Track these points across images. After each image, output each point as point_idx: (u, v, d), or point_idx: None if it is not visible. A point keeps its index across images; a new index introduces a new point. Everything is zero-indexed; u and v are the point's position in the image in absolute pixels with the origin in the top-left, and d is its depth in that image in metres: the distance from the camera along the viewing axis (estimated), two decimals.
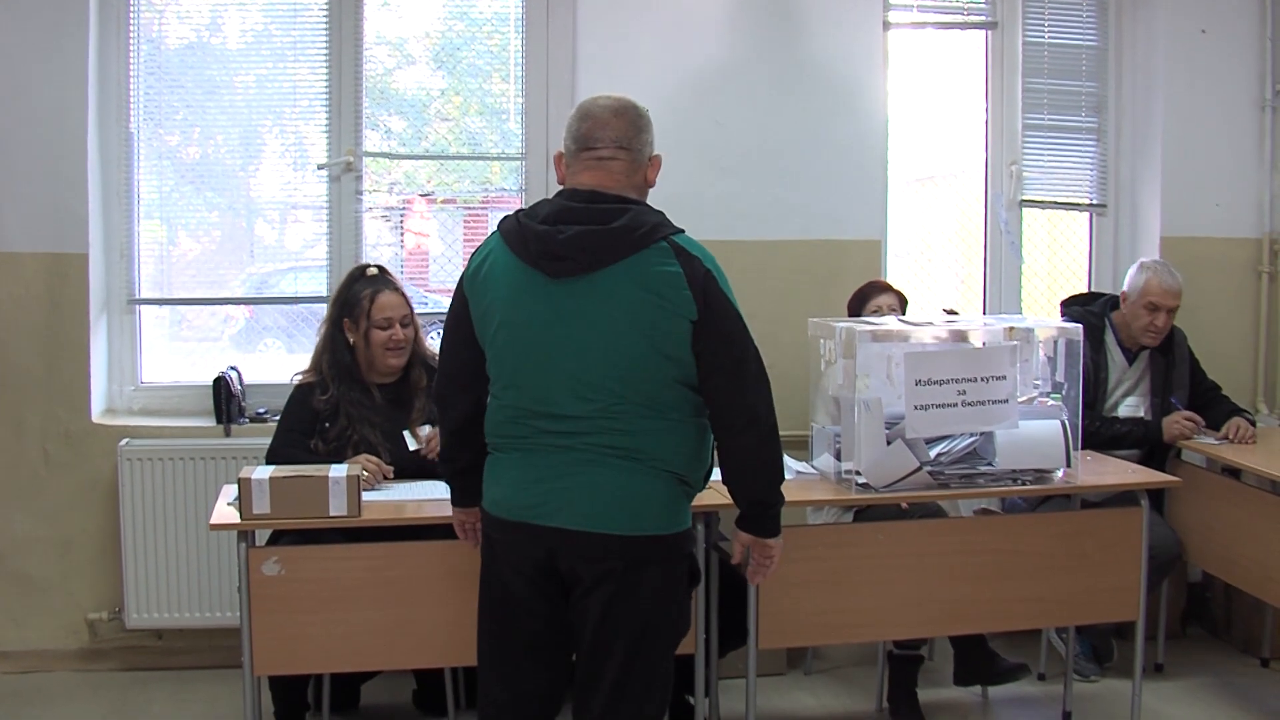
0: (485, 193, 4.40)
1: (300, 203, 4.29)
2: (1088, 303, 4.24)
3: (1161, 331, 4.08)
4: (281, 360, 4.24)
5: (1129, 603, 3.41)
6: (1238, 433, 3.96)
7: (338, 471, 2.95)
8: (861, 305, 3.98)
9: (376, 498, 3.13)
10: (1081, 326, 3.46)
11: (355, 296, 3.49)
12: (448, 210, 4.46)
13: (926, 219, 4.81)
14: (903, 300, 4.02)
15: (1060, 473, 3.36)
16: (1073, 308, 4.21)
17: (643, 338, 2.42)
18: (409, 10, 4.30)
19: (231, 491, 3.09)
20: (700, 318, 2.42)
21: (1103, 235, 4.71)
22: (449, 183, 4.39)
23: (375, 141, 4.29)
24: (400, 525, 3.06)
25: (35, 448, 3.98)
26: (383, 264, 3.68)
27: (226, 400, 4.03)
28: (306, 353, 3.65)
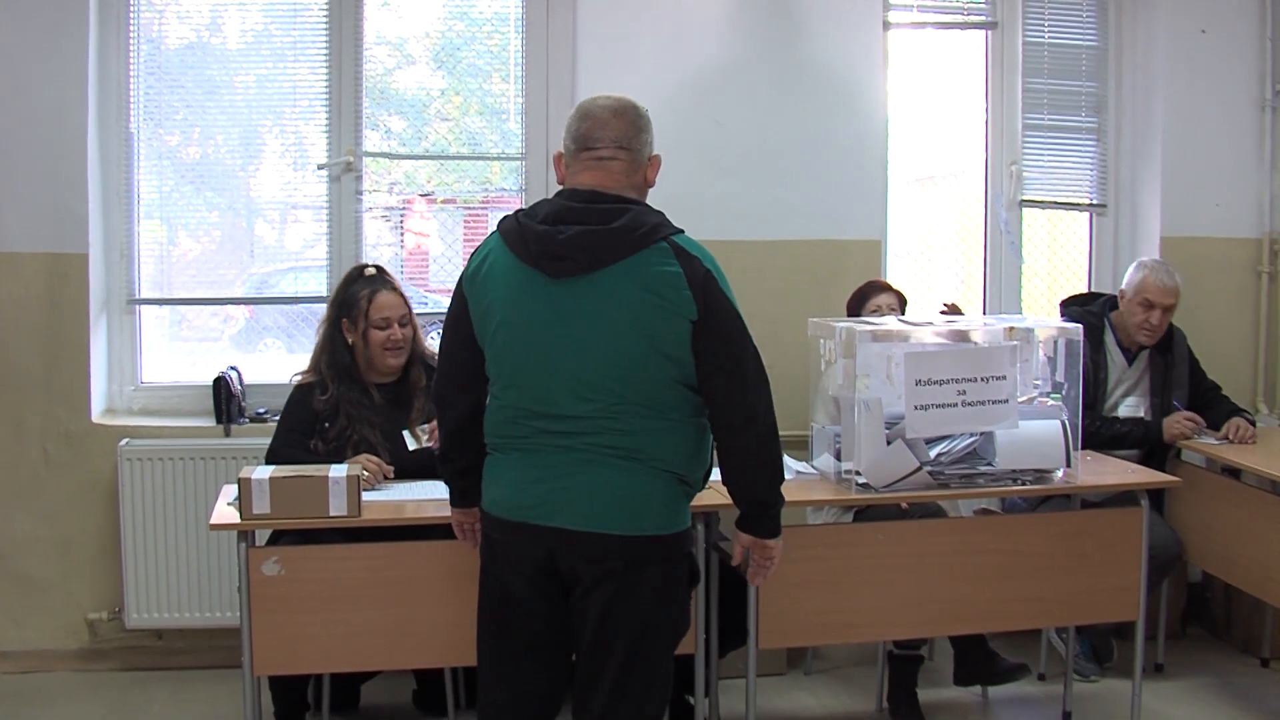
0: (485, 193, 4.39)
1: (300, 203, 4.29)
2: (1087, 303, 4.23)
3: (1157, 330, 4.07)
4: (281, 360, 4.24)
5: (1129, 603, 3.41)
6: (1237, 433, 3.96)
7: (338, 471, 2.95)
8: (861, 305, 3.98)
9: (376, 498, 3.13)
10: (1081, 326, 3.46)
11: (353, 297, 3.49)
12: (448, 210, 4.46)
13: (926, 219, 4.80)
14: (902, 300, 4.02)
15: (1060, 473, 3.36)
16: (1072, 308, 4.21)
17: (643, 338, 2.42)
18: (409, 10, 4.30)
19: (231, 491, 3.09)
20: (700, 318, 2.42)
21: (1103, 235, 4.71)
22: (449, 183, 4.39)
23: (375, 141, 4.29)
24: (400, 525, 3.06)
25: (35, 448, 3.98)
26: (382, 264, 3.68)
27: (226, 400, 4.03)
28: (306, 353, 3.64)
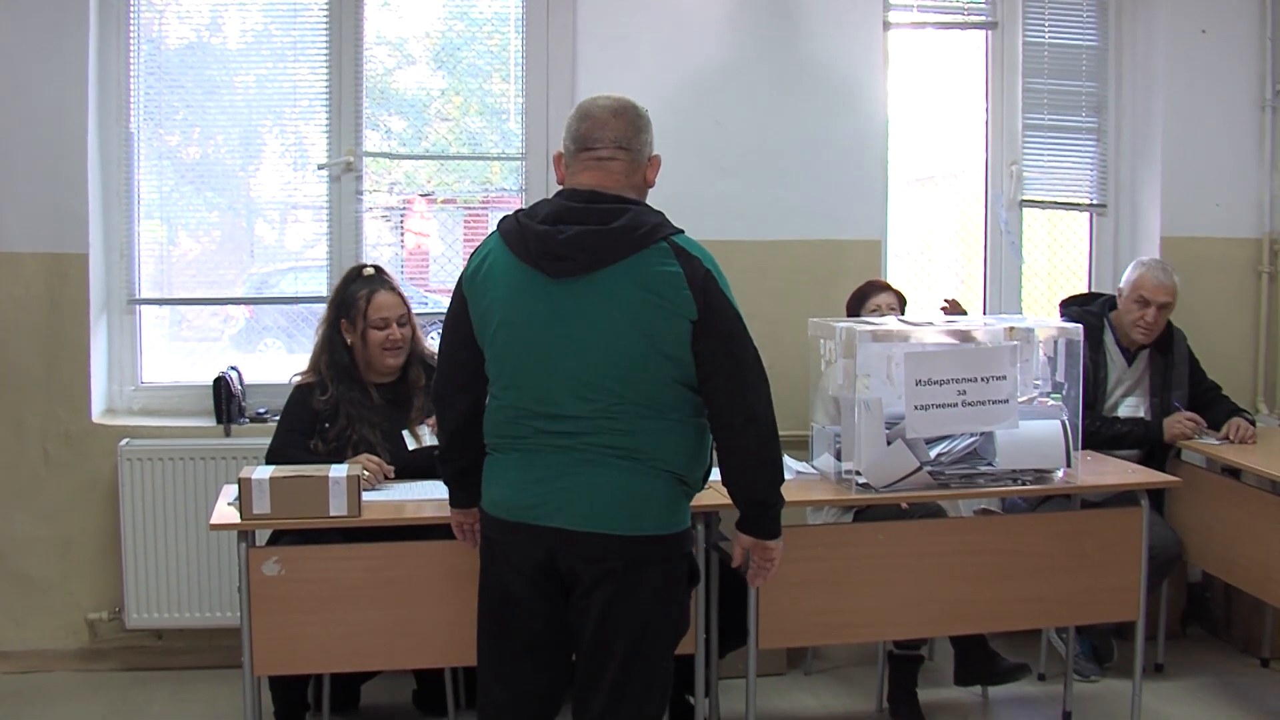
0: (485, 193, 4.39)
1: (300, 203, 4.29)
2: (1086, 303, 4.23)
3: (1152, 328, 4.06)
4: (281, 360, 4.24)
5: (1129, 603, 3.41)
6: (1238, 433, 3.96)
7: (338, 471, 2.95)
8: (860, 305, 3.98)
9: (376, 498, 3.13)
10: (1081, 326, 3.46)
11: (352, 297, 3.49)
12: (448, 210, 4.46)
13: (926, 219, 4.80)
14: (901, 299, 4.02)
15: (1060, 473, 3.36)
16: (1071, 308, 4.21)
17: (643, 337, 2.42)
18: (409, 10, 4.30)
19: (231, 491, 3.09)
20: (700, 318, 2.42)
21: (1103, 235, 4.71)
22: (449, 183, 4.39)
23: (375, 141, 4.29)
24: (400, 525, 3.06)
25: (35, 448, 3.98)
26: (380, 264, 3.68)
27: (226, 400, 4.03)
28: (306, 353, 3.64)
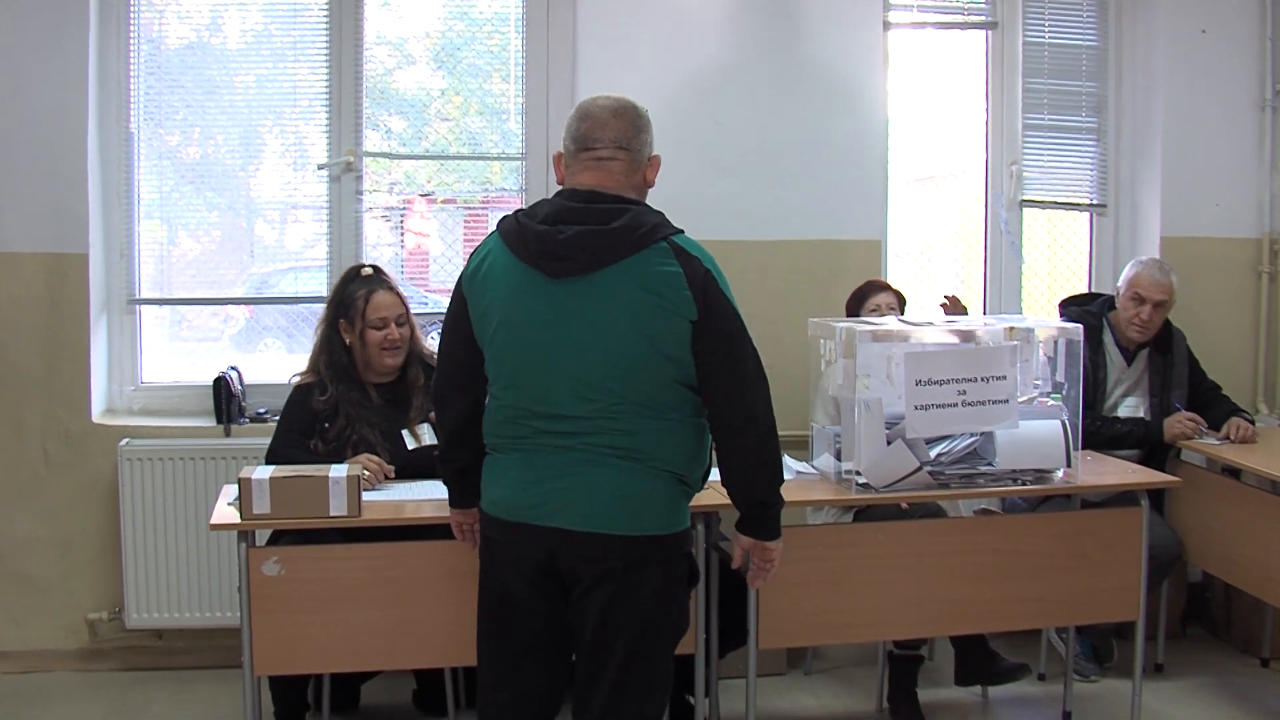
0: (485, 193, 4.39)
1: (300, 203, 4.29)
2: (1086, 303, 4.23)
3: (1148, 326, 4.06)
4: (281, 360, 4.24)
5: (1129, 603, 3.41)
6: (1238, 433, 3.96)
7: (338, 471, 2.95)
8: (860, 304, 3.98)
9: (376, 498, 3.13)
10: (1081, 326, 3.46)
11: (350, 297, 3.49)
12: (448, 210, 4.46)
13: (926, 219, 4.80)
14: (901, 299, 4.02)
15: (1060, 473, 3.36)
16: (1071, 308, 4.21)
17: (643, 338, 2.42)
18: (409, 10, 4.30)
19: (231, 491, 3.09)
20: (700, 318, 2.42)
21: (1103, 235, 4.71)
22: (449, 183, 4.39)
23: (375, 141, 4.29)
24: (400, 525, 3.06)
25: (35, 448, 3.98)
26: (379, 264, 3.68)
27: (226, 400, 4.03)
28: (306, 353, 3.64)
